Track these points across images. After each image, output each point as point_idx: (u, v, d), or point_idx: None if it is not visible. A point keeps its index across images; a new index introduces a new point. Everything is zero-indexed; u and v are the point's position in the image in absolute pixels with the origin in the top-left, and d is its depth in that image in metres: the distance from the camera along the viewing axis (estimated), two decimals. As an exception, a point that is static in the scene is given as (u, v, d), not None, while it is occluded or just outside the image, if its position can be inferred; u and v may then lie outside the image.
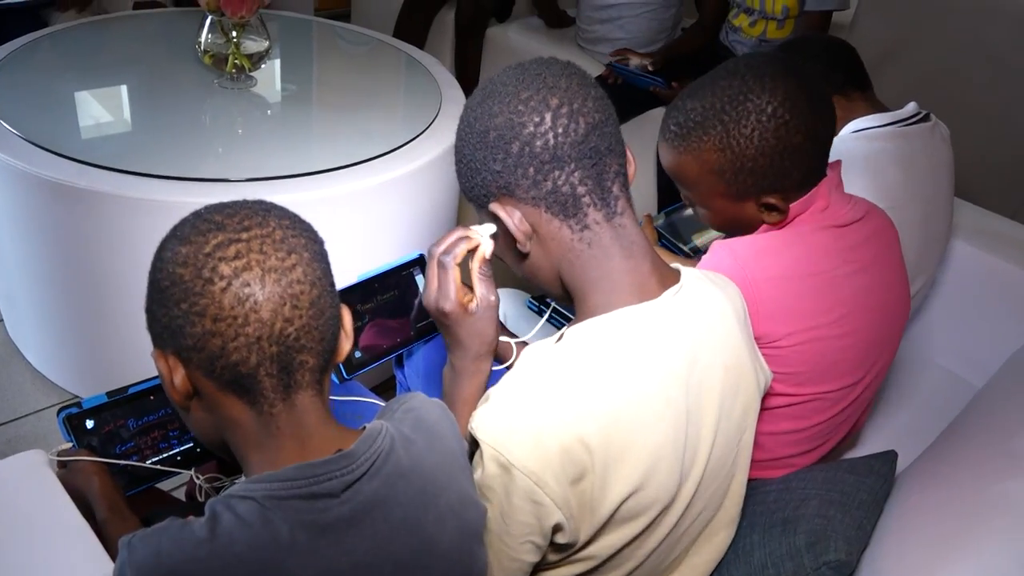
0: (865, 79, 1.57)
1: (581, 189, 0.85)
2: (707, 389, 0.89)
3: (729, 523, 1.02)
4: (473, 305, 0.94)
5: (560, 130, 0.83)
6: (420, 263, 1.32)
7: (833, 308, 1.11)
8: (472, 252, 0.94)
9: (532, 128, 0.83)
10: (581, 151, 0.84)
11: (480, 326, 0.95)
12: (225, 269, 0.67)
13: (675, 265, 0.94)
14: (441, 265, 0.93)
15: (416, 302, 1.31)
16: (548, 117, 0.83)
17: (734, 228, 1.19)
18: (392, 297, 1.30)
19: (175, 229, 0.72)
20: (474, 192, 0.90)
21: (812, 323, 1.10)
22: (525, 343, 1.13)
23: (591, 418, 0.79)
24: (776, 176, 1.08)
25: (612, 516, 0.83)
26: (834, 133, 1.11)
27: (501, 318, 1.63)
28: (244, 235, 0.69)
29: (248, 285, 0.67)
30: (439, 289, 0.93)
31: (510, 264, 0.95)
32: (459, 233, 0.93)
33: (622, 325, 0.85)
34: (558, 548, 0.87)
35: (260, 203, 0.73)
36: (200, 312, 0.67)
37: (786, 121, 1.04)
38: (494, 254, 0.94)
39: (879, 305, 1.17)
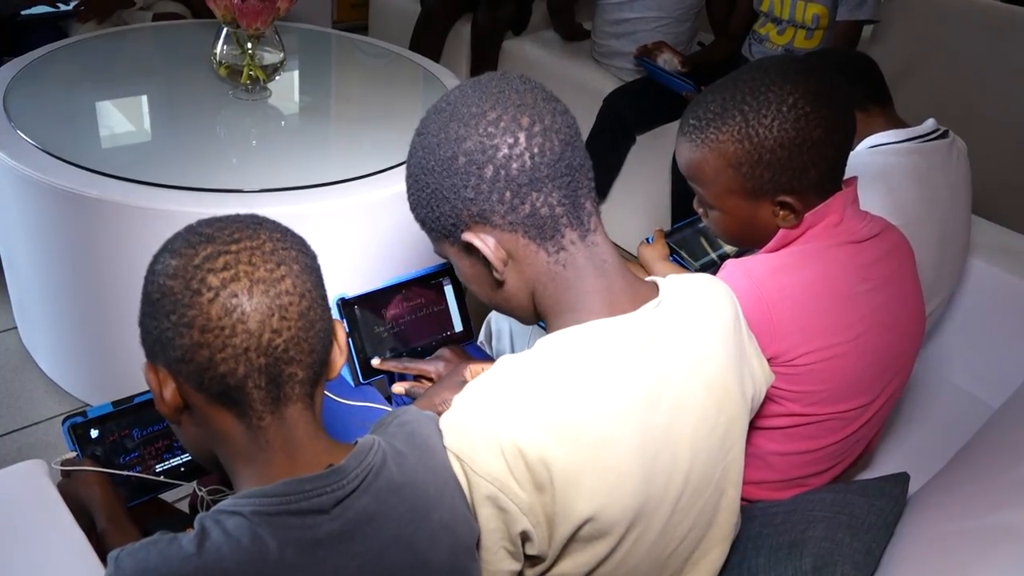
0: (885, 94, 1.56)
1: (559, 210, 0.83)
2: (683, 408, 0.85)
3: (723, 540, 1.00)
4: None
5: (536, 150, 0.80)
6: (450, 272, 1.30)
7: (851, 327, 1.09)
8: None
9: (507, 150, 0.79)
10: (558, 170, 0.81)
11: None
12: (213, 280, 0.67)
13: (652, 278, 0.91)
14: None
15: (437, 311, 1.29)
16: (522, 137, 0.80)
17: (747, 234, 1.16)
18: (418, 305, 1.28)
19: (168, 243, 0.72)
20: (440, 223, 0.86)
21: (830, 342, 1.08)
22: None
23: (551, 434, 0.77)
24: (794, 172, 1.05)
25: (575, 535, 0.81)
26: (853, 140, 1.10)
27: (503, 335, 1.62)
28: (233, 247, 0.68)
29: (236, 296, 0.66)
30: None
31: (481, 294, 0.93)
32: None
33: (591, 338, 0.82)
34: (531, 562, 0.86)
35: (252, 217, 0.73)
36: (188, 323, 0.67)
37: (806, 113, 1.03)
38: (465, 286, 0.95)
39: (895, 324, 1.14)
